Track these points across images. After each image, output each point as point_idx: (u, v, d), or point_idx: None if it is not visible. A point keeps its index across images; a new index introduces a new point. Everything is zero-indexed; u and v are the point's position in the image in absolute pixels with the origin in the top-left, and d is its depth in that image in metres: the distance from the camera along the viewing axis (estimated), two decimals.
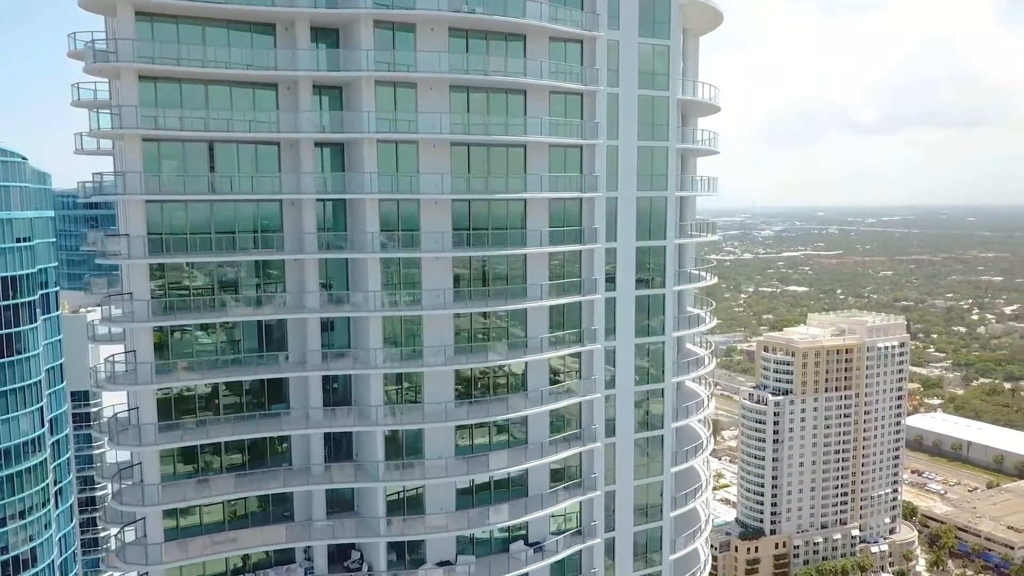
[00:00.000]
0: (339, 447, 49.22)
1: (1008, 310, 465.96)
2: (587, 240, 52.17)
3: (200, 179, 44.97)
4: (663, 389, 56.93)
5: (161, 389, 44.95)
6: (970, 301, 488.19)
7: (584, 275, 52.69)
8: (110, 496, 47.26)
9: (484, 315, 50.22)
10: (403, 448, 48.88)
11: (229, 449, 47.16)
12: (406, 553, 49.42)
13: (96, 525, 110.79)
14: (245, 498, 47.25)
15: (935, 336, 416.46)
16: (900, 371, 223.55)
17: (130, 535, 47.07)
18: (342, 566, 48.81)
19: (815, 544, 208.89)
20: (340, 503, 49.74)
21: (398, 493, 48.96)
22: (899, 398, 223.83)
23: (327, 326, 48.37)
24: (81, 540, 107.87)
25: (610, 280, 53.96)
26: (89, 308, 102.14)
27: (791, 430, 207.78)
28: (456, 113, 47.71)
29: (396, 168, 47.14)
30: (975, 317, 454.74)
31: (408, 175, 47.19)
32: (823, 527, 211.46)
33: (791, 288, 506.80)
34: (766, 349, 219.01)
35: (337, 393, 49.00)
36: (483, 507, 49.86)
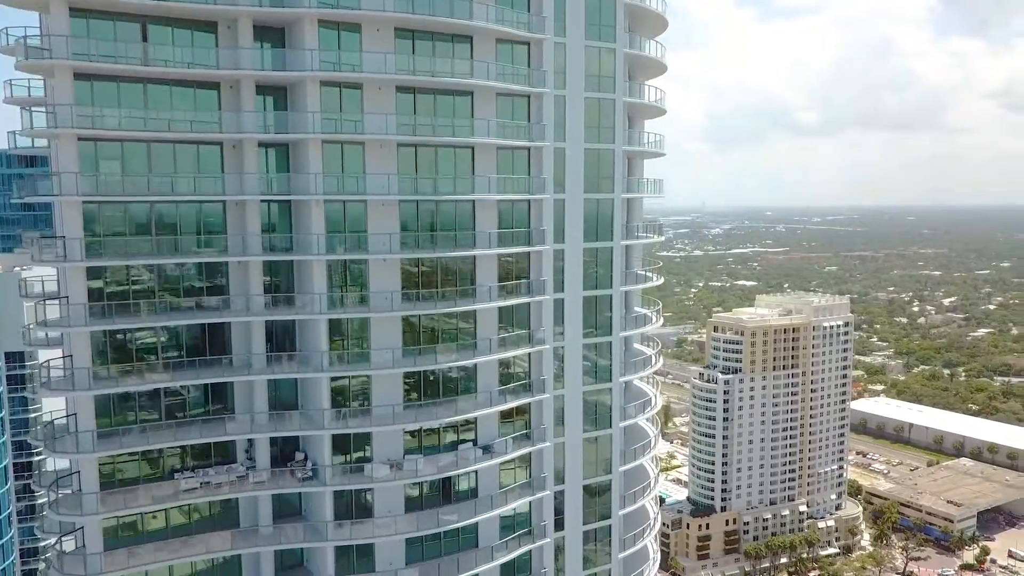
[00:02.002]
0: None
1: (947, 302, 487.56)
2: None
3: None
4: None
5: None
6: (911, 294, 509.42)
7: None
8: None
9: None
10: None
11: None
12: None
13: (32, 492, 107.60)
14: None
15: (878, 326, 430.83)
16: (845, 350, 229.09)
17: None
18: (286, 467, 47.96)
19: (764, 520, 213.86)
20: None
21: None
22: (844, 376, 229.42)
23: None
24: (17, 508, 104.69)
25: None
26: (23, 267, 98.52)
27: (740, 408, 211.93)
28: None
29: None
30: (916, 309, 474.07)
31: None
32: (772, 503, 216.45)
33: (740, 282, 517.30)
34: (716, 329, 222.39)
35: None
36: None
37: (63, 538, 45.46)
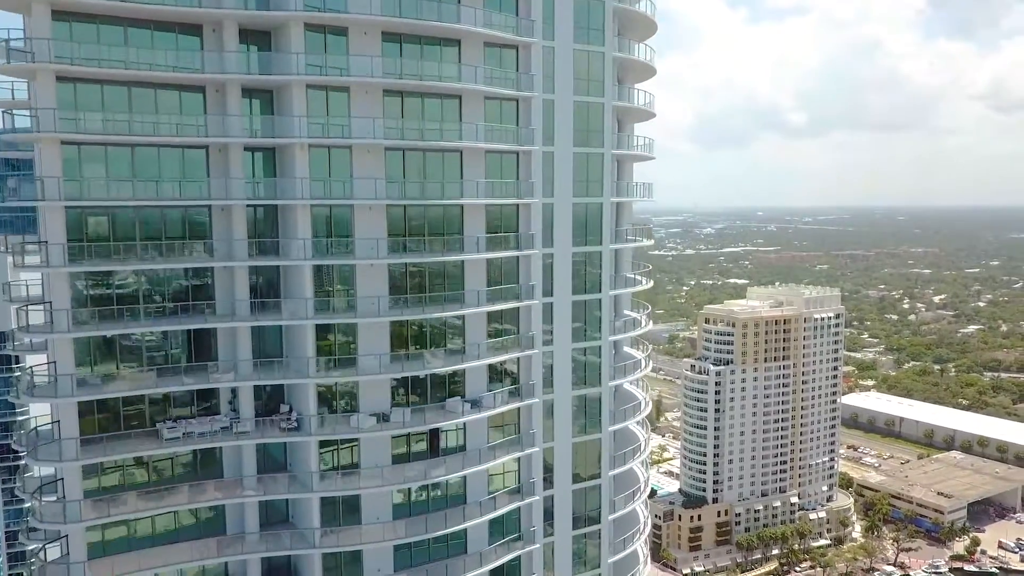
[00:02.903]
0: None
1: (937, 299, 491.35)
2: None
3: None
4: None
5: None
6: (901, 292, 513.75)
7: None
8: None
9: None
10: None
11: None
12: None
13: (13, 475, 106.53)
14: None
15: (869, 323, 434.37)
16: (836, 341, 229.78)
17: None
18: (271, 420, 47.22)
19: (756, 512, 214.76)
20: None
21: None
22: (835, 368, 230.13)
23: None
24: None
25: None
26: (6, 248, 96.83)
27: (732, 400, 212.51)
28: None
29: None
30: (906, 306, 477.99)
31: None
32: (763, 495, 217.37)
33: (731, 280, 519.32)
34: (707, 321, 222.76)
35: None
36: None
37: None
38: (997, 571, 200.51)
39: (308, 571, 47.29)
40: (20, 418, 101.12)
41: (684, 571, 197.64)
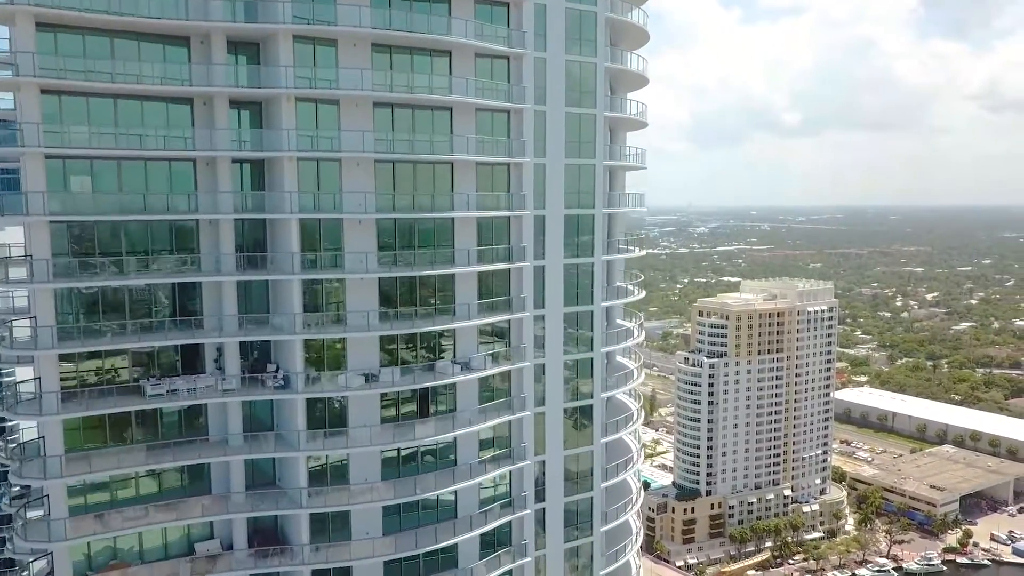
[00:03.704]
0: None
1: (929, 297, 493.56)
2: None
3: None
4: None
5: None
6: (894, 289, 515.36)
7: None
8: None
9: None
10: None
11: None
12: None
13: None
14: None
15: (862, 320, 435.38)
16: (829, 334, 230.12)
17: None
18: (258, 378, 46.68)
19: (749, 504, 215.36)
20: None
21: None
22: (828, 361, 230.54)
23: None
24: None
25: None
26: None
27: (725, 392, 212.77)
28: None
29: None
30: (899, 303, 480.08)
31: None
32: (757, 488, 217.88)
33: (725, 278, 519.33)
34: (701, 314, 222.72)
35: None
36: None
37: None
38: (989, 563, 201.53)
39: (295, 533, 46.98)
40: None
41: (677, 563, 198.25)
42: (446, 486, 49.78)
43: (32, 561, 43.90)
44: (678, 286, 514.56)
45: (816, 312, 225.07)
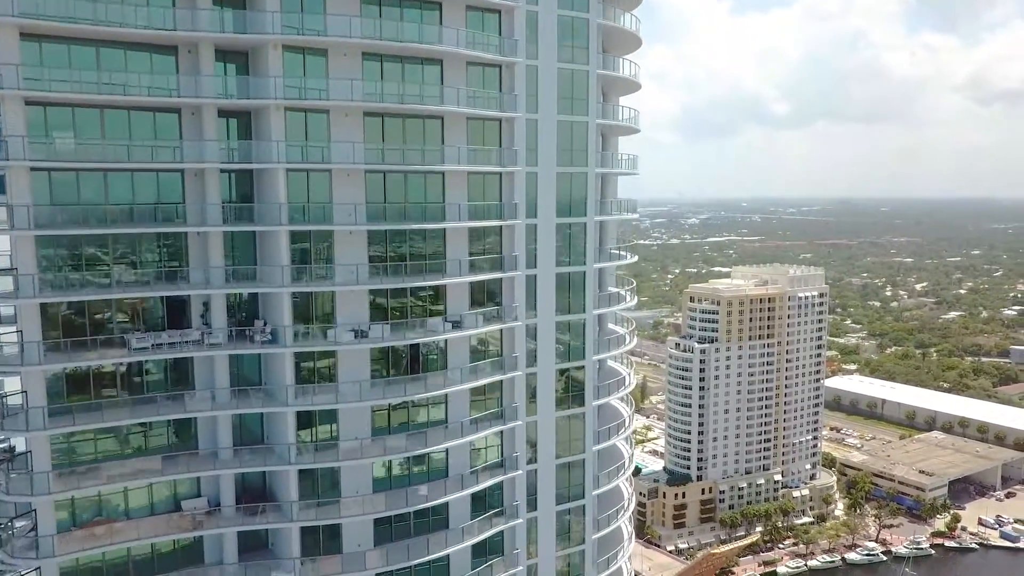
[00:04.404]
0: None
1: (919, 287, 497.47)
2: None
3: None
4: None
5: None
6: (883, 279, 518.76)
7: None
8: None
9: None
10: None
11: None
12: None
13: None
14: None
15: (852, 309, 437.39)
16: (820, 320, 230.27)
17: None
18: (246, 332, 45.90)
19: (740, 489, 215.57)
20: None
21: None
22: (819, 346, 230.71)
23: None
24: None
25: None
26: None
27: (716, 378, 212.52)
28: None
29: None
30: (888, 293, 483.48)
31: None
32: (747, 473, 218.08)
33: (716, 269, 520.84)
34: (692, 299, 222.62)
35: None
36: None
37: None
38: (977, 547, 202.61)
39: (283, 490, 46.36)
40: None
41: (668, 548, 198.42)
42: (437, 443, 49.17)
43: (14, 519, 43.05)
44: (669, 276, 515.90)
45: (807, 298, 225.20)
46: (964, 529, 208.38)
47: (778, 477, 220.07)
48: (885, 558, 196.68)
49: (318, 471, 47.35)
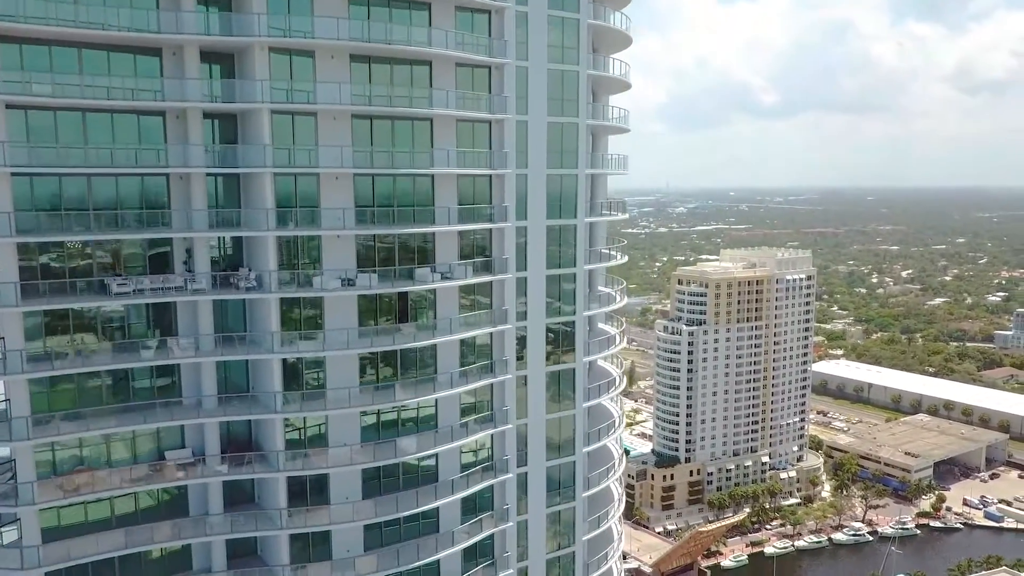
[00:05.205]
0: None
1: (904, 274, 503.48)
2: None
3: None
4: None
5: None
6: (870, 267, 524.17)
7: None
8: None
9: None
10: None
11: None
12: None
13: None
14: None
15: (839, 296, 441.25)
16: (807, 303, 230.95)
17: None
18: (230, 279, 44.75)
19: (728, 471, 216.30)
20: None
21: None
22: (806, 329, 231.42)
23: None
24: None
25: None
26: None
27: (704, 360, 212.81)
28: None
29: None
30: (875, 280, 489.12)
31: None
32: (735, 455, 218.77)
33: (703, 256, 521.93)
34: (680, 282, 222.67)
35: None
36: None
37: None
38: (961, 527, 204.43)
39: (270, 440, 45.55)
40: None
41: (657, 529, 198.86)
42: (426, 394, 48.53)
43: None
44: (657, 264, 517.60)
45: (794, 280, 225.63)
46: (949, 509, 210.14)
47: (766, 459, 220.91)
48: (871, 538, 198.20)
49: (305, 421, 46.56)
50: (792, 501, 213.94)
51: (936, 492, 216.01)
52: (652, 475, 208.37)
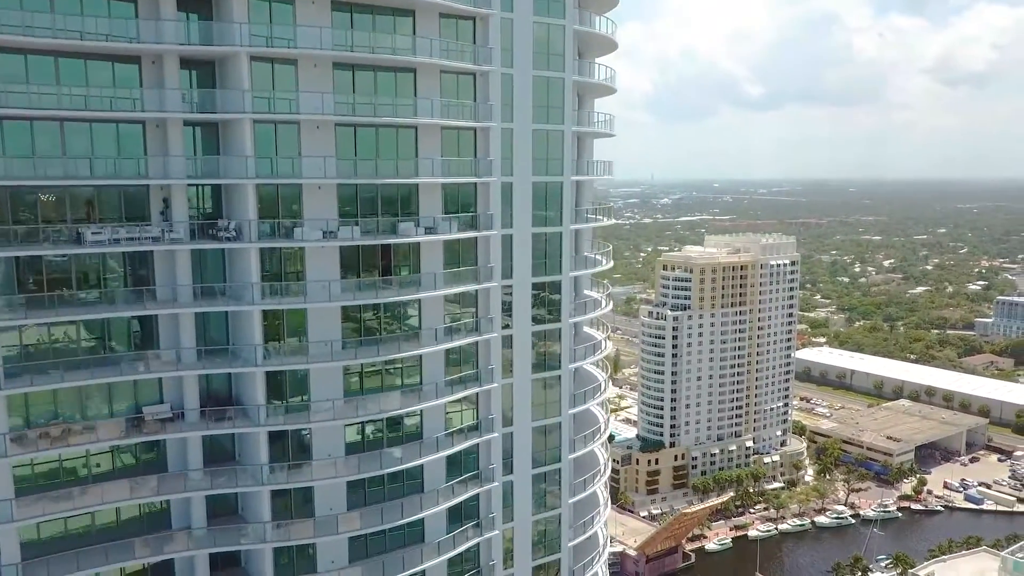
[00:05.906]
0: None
1: (887, 263, 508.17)
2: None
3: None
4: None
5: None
6: (853, 256, 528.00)
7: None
8: None
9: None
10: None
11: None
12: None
13: None
14: None
15: (821, 285, 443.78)
16: (791, 288, 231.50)
17: None
18: (210, 234, 43.85)
19: (712, 455, 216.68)
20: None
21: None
22: (790, 314, 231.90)
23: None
24: None
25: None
26: None
27: (689, 345, 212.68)
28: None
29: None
30: (857, 269, 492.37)
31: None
32: (719, 439, 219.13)
33: (688, 246, 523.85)
34: (665, 267, 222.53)
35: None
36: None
37: None
38: (942, 509, 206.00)
39: (251, 395, 44.57)
40: None
41: (642, 513, 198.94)
42: (411, 350, 47.84)
43: None
44: (642, 254, 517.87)
45: (778, 266, 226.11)
46: (930, 493, 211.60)
47: (749, 444, 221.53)
48: (854, 521, 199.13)
49: (286, 376, 45.62)
50: (776, 485, 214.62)
51: (917, 476, 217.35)
52: (637, 460, 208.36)
